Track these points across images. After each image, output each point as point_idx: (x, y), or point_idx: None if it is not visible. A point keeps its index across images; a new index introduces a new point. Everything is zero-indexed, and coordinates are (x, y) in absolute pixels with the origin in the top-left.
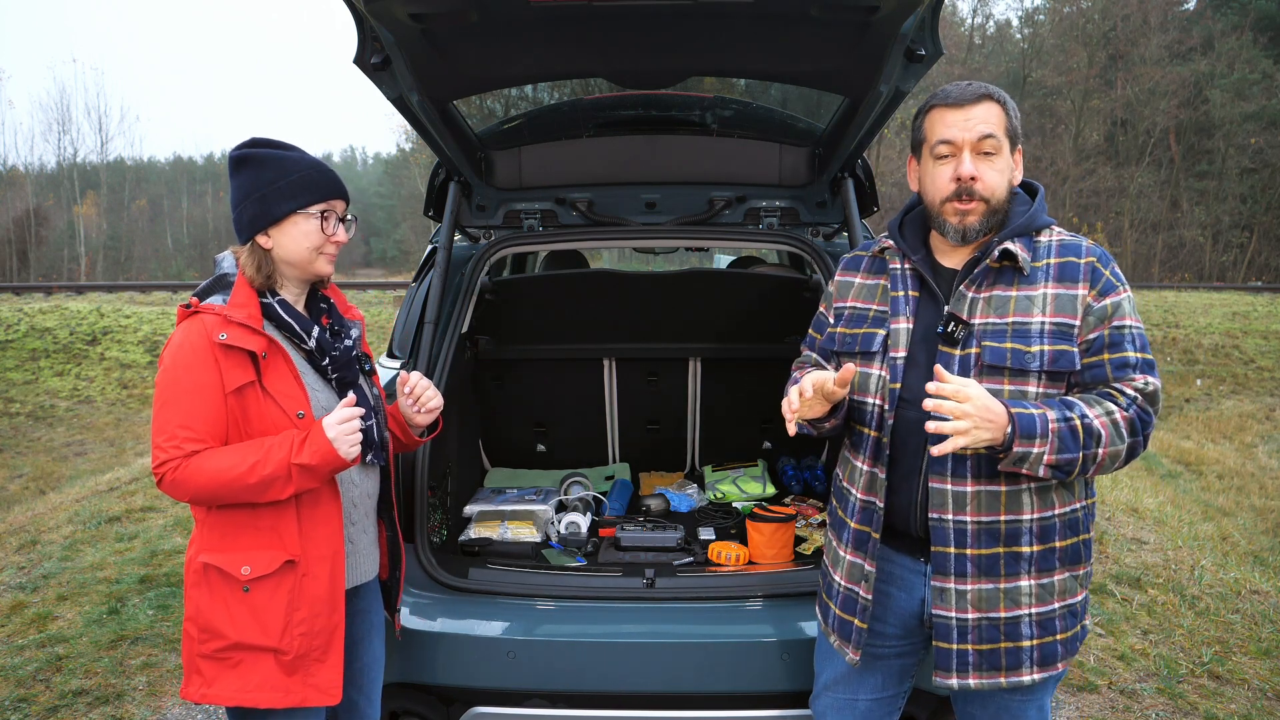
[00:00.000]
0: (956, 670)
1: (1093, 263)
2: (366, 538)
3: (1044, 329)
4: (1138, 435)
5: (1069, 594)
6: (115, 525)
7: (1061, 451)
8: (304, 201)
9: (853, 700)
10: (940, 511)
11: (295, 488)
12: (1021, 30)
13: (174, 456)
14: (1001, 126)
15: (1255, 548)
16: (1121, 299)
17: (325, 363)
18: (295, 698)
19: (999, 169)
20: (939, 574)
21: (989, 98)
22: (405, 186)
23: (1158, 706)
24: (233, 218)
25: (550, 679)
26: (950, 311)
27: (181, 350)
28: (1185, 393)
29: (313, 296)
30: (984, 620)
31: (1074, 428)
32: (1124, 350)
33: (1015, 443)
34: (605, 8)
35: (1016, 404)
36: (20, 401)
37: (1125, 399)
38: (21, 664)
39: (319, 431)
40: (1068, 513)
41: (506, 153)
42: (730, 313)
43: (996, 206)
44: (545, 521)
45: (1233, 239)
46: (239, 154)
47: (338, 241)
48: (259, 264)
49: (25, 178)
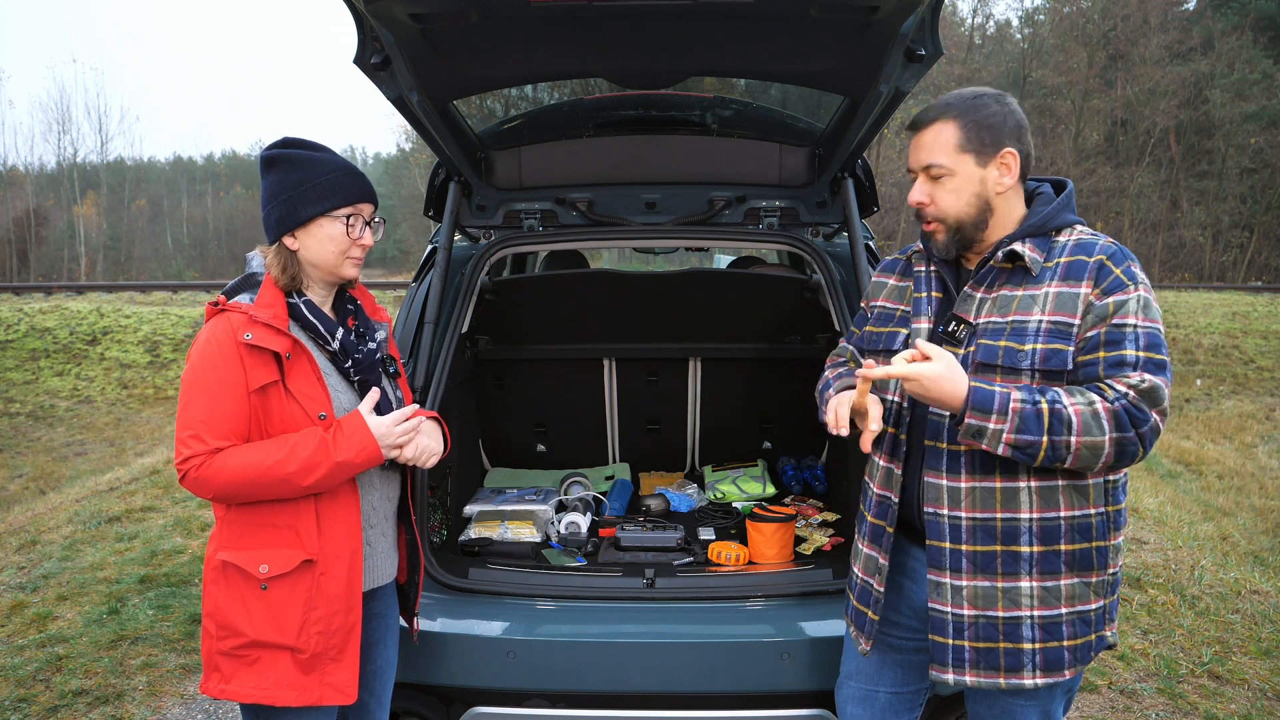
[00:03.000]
0: (952, 666)
1: (1101, 260)
2: (385, 541)
3: (1040, 327)
4: (1126, 430)
5: (1079, 600)
6: (115, 525)
7: (1021, 432)
8: (330, 205)
9: (873, 692)
10: (935, 506)
11: (324, 484)
12: (1021, 30)
13: (198, 452)
14: (952, 147)
15: (1255, 548)
16: (1129, 298)
17: (348, 365)
18: (311, 696)
19: (951, 189)
20: (934, 568)
21: (941, 117)
22: (405, 186)
23: (1158, 706)
24: (262, 217)
25: (550, 679)
26: (953, 312)
27: (208, 347)
28: (1185, 393)
29: (340, 297)
30: (981, 618)
31: (1039, 410)
32: (1122, 349)
33: (968, 413)
34: (605, 8)
35: (984, 380)
36: (20, 401)
37: (1114, 393)
38: (21, 664)
39: (360, 428)
40: (1078, 517)
41: (506, 153)
42: (730, 313)
43: (959, 224)
44: (545, 521)
45: (1233, 239)
46: (270, 154)
47: (364, 245)
48: (285, 265)
49: (25, 178)
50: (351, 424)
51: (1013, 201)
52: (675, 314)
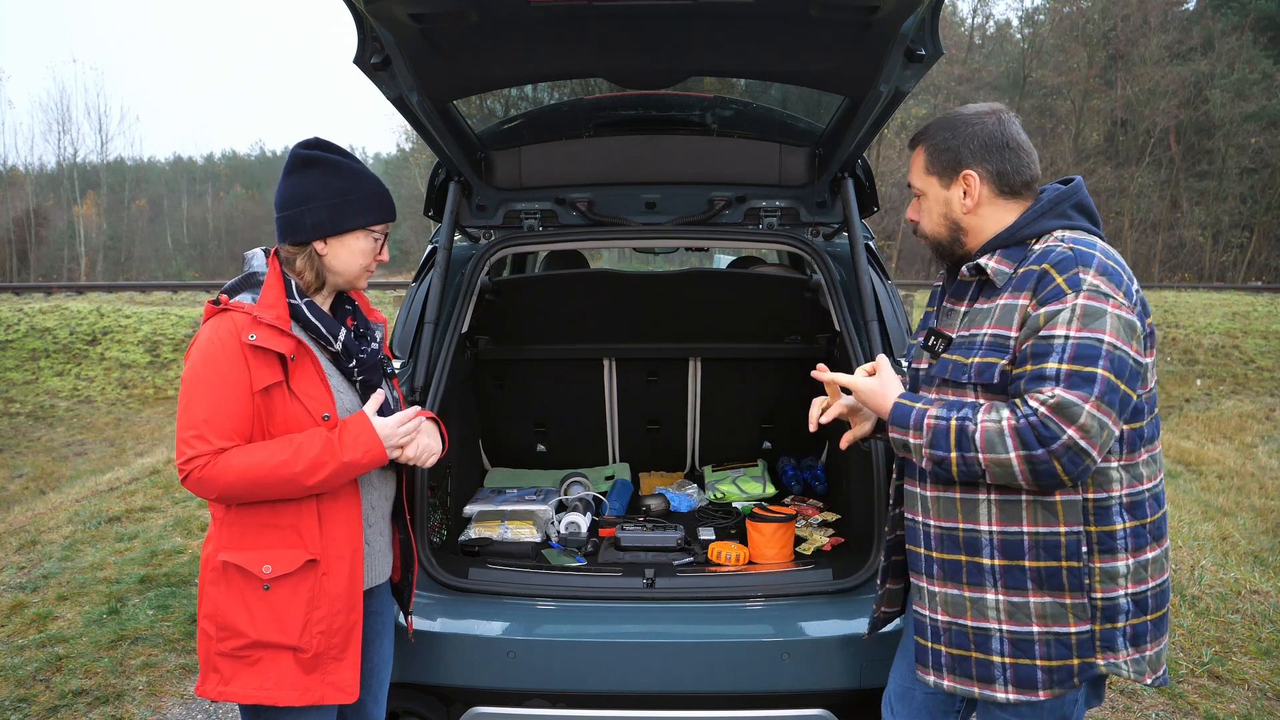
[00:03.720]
0: (932, 668)
1: (1045, 269)
2: (383, 540)
3: (983, 341)
4: (1033, 448)
5: (1055, 620)
6: (115, 525)
7: (934, 447)
8: (373, 219)
9: (910, 690)
10: (911, 512)
11: (329, 484)
12: (1021, 30)
13: (202, 453)
14: (921, 170)
15: (1255, 548)
16: (1062, 308)
17: (352, 365)
18: (313, 695)
19: (925, 210)
20: (913, 572)
21: (918, 140)
22: (405, 186)
23: (1158, 707)
24: (286, 214)
25: (550, 679)
26: (933, 325)
27: (212, 346)
28: (1185, 393)
29: (338, 298)
30: (954, 625)
31: (947, 427)
32: (1045, 362)
33: (890, 427)
34: (605, 8)
35: (912, 395)
36: (20, 401)
37: (1026, 409)
38: (21, 664)
39: (366, 428)
40: (1044, 534)
41: (506, 153)
42: (730, 313)
43: (936, 241)
44: (545, 521)
45: (1233, 239)
46: (310, 154)
47: (381, 260)
48: (312, 268)
49: (25, 178)
50: (357, 425)
51: (988, 218)
52: (675, 314)
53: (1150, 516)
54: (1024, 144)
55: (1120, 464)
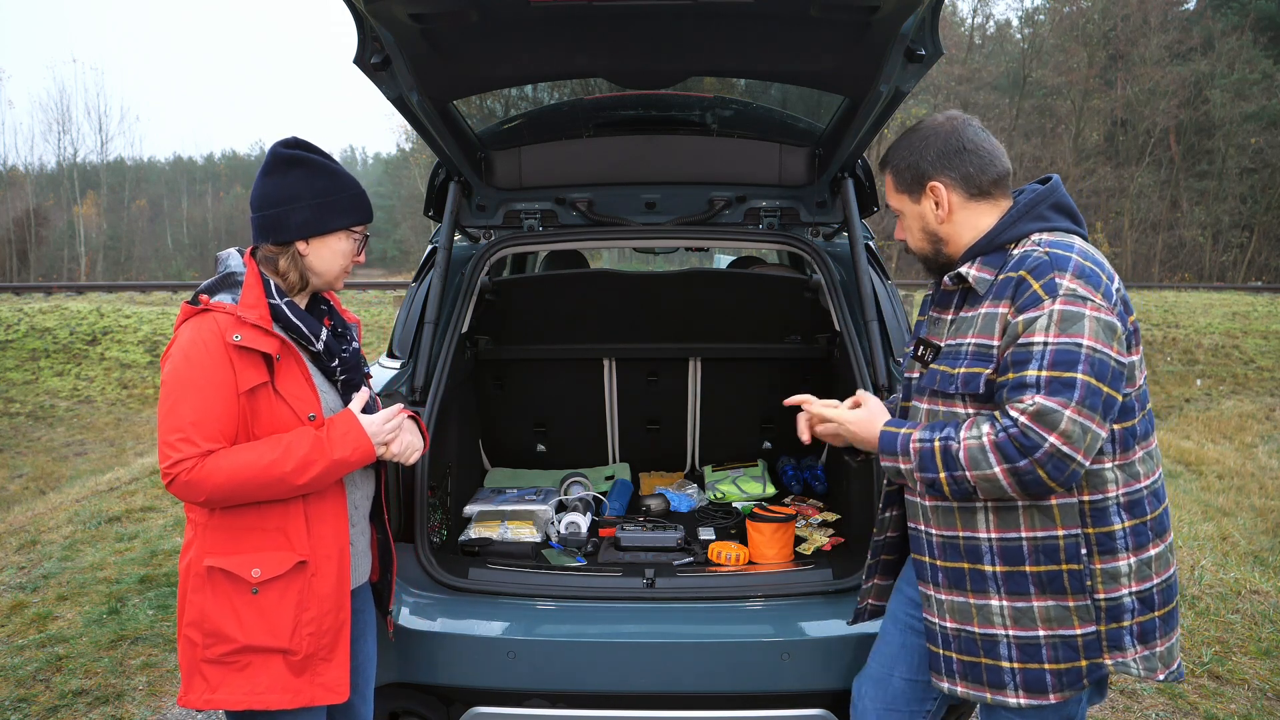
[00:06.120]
0: (945, 674)
1: (1021, 275)
2: (364, 539)
3: (968, 350)
4: (1016, 460)
5: (1060, 624)
6: (115, 525)
7: (923, 470)
8: (353, 220)
9: (888, 675)
10: (914, 521)
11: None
12: (1021, 30)
13: (189, 455)
14: (892, 191)
15: (1255, 548)
16: (1040, 314)
17: (334, 364)
18: (304, 698)
19: (906, 227)
20: (920, 580)
21: (883, 166)
22: (405, 186)
23: (1158, 707)
24: (268, 213)
25: (550, 679)
26: (922, 336)
27: (194, 348)
28: (1185, 393)
29: (314, 299)
30: (962, 632)
31: (932, 449)
32: (1025, 369)
33: (881, 456)
34: (605, 8)
35: (897, 421)
36: (20, 401)
37: (1006, 420)
38: (21, 664)
39: (354, 426)
40: (1042, 538)
41: (506, 153)
42: (730, 313)
43: (922, 255)
44: (545, 521)
45: (1233, 239)
46: (292, 153)
47: (358, 262)
48: (299, 270)
49: (25, 178)
50: (345, 422)
51: (963, 224)
52: (675, 314)
53: (1150, 513)
54: (983, 144)
55: (1115, 464)
